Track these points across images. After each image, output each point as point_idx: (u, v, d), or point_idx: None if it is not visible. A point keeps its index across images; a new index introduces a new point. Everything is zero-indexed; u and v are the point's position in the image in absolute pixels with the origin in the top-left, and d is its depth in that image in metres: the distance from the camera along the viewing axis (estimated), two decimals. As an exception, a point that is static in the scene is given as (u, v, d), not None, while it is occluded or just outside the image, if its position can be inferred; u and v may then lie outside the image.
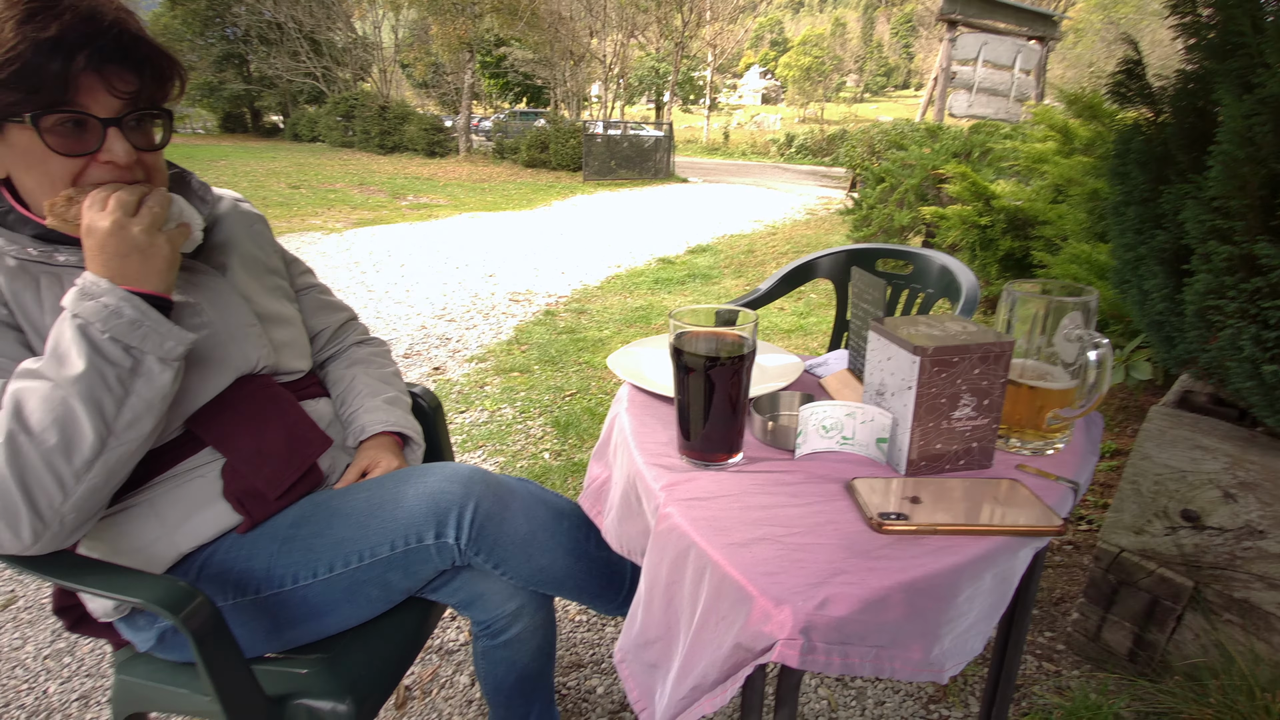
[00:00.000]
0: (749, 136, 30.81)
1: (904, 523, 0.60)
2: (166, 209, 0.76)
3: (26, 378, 0.68)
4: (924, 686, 1.43)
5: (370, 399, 1.04)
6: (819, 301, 4.40)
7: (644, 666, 0.70)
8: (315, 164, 14.69)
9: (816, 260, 1.78)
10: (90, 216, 0.71)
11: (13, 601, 1.62)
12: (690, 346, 0.70)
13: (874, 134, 7.33)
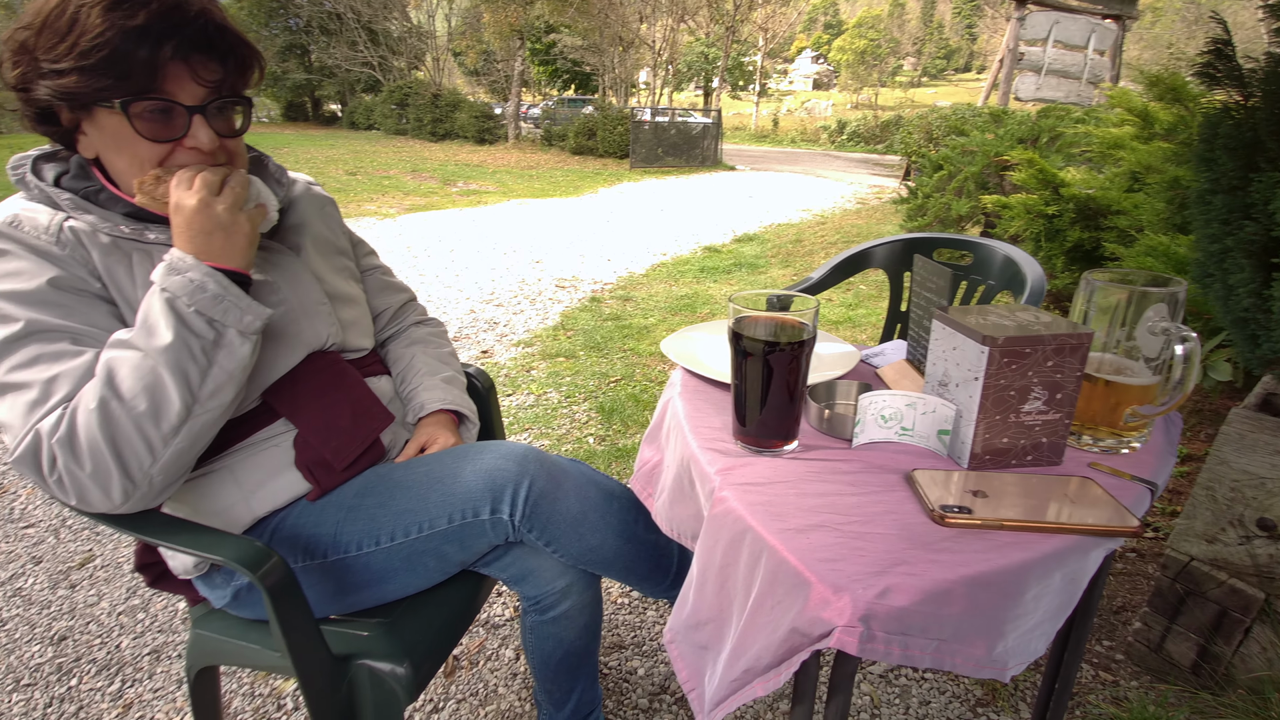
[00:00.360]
0: (799, 123, 30.14)
1: (967, 516, 0.58)
2: (247, 189, 0.80)
3: (119, 347, 0.73)
4: (971, 688, 1.40)
5: (429, 378, 1.07)
6: (868, 293, 4.30)
7: (694, 648, 0.71)
8: (371, 151, 15.11)
9: (871, 249, 1.73)
10: (178, 195, 0.75)
11: (90, 560, 1.74)
12: (750, 331, 0.69)
13: (932, 119, 7.07)
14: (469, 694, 1.36)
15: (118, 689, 1.36)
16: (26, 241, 0.75)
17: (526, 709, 1.33)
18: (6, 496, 1.99)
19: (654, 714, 1.32)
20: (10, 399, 0.71)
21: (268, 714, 1.31)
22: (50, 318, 0.73)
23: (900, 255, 1.70)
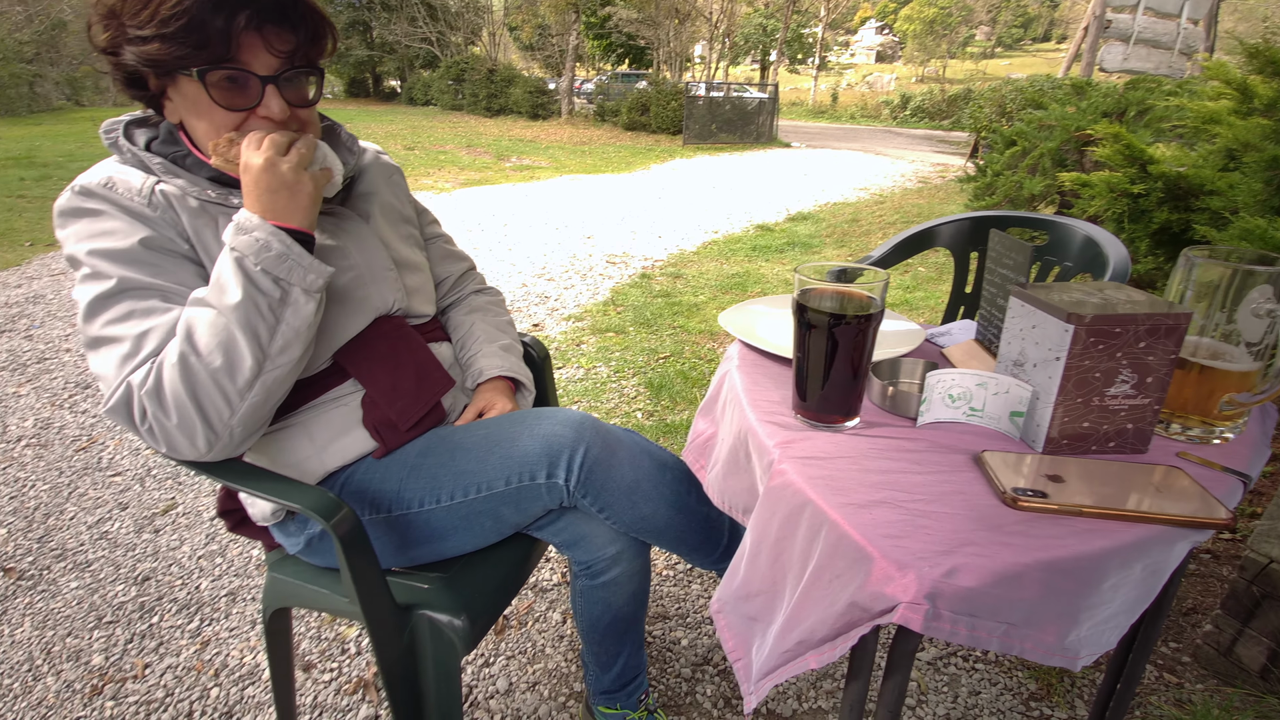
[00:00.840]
0: (859, 98, 28.99)
1: (1043, 500, 0.56)
2: (313, 151, 0.82)
3: (197, 305, 0.77)
4: (1025, 681, 1.36)
5: (488, 345, 1.10)
6: (927, 276, 4.14)
7: (742, 619, 0.71)
8: (428, 126, 15.37)
9: (937, 227, 1.66)
10: (246, 154, 0.78)
11: (173, 507, 1.87)
12: (815, 303, 0.67)
13: (1006, 92, 6.67)
14: (518, 651, 1.41)
15: (196, 627, 1.46)
16: (120, 202, 0.79)
17: (572, 669, 1.37)
18: (95, 447, 2.15)
19: (696, 684, 1.34)
20: (105, 352, 0.76)
21: (332, 656, 1.39)
22: (141, 276, 0.78)
23: (968, 234, 1.62)
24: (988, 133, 4.87)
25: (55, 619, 1.47)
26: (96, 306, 0.76)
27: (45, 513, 1.82)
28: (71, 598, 1.53)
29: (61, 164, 7.73)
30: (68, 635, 1.43)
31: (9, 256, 4.25)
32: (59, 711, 1.25)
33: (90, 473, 2.02)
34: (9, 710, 1.25)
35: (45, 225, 5.04)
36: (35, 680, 1.32)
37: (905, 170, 9.93)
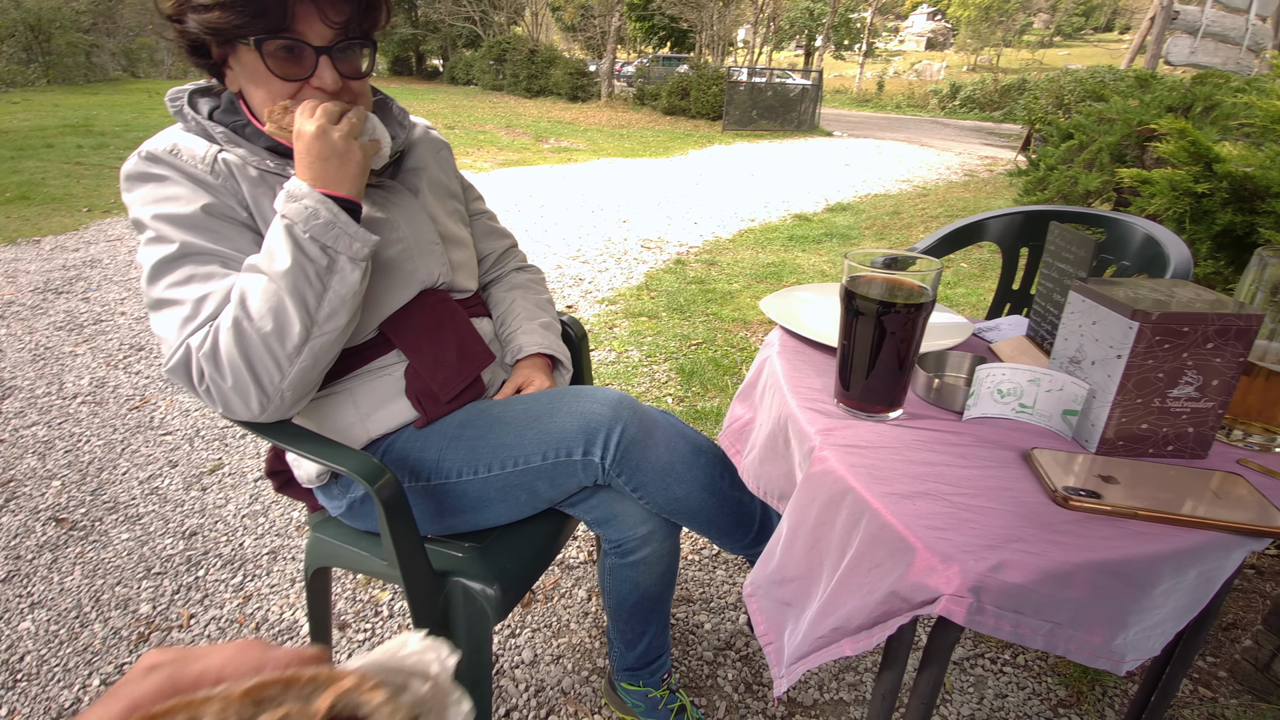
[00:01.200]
0: (906, 87, 28.17)
1: (1095, 501, 0.54)
2: (364, 122, 0.83)
3: (250, 271, 0.79)
4: (1055, 687, 1.33)
5: (528, 322, 1.11)
6: (969, 272, 4.04)
7: (775, 603, 0.71)
8: (468, 106, 15.46)
9: (985, 221, 1.61)
10: (300, 121, 0.79)
11: (219, 467, 1.94)
12: (864, 290, 0.66)
13: (1064, 82, 6.40)
14: (543, 625, 1.44)
15: (239, 582, 1.52)
16: (184, 169, 0.82)
17: (595, 645, 1.39)
18: (148, 407, 2.25)
19: (718, 667, 1.35)
20: (166, 314, 0.79)
21: (366, 617, 1.44)
22: (203, 241, 0.80)
23: (1019, 229, 1.57)
24: (1042, 125, 4.69)
25: (105, 568, 1.55)
26: (159, 270, 0.79)
27: (99, 467, 1.91)
28: (122, 549, 1.61)
29: (118, 133, 7.99)
30: (117, 584, 1.50)
31: (67, 221, 4.43)
32: (105, 657, 1.32)
33: (142, 431, 2.10)
34: (54, 655, 1.32)
35: (102, 192, 5.23)
36: (83, 627, 1.39)
37: (951, 163, 9.65)
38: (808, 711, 1.26)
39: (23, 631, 1.37)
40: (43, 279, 3.38)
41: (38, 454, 1.95)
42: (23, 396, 2.26)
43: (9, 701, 1.22)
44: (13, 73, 13.62)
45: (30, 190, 5.11)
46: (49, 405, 2.22)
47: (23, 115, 9.34)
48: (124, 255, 3.82)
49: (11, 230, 4.16)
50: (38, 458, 1.94)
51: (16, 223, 4.32)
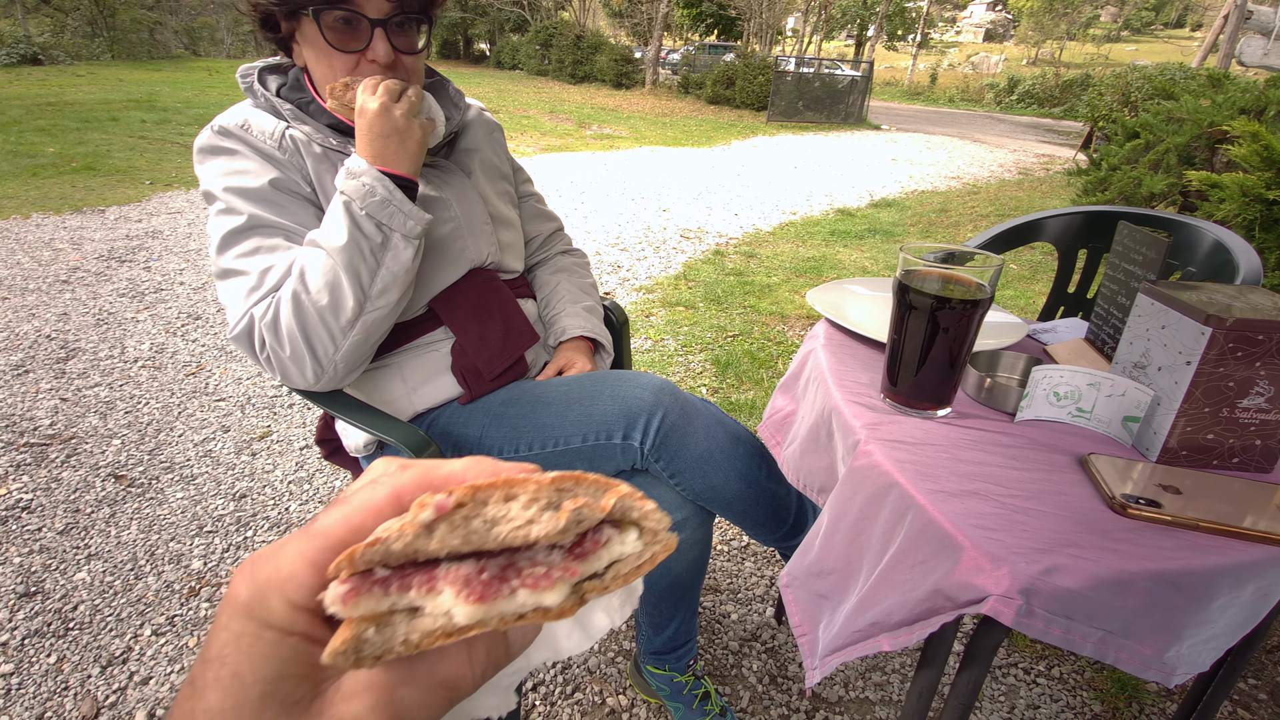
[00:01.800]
0: (960, 79, 27.22)
1: (1155, 510, 0.53)
2: (422, 100, 0.85)
3: (310, 246, 0.81)
4: (1090, 702, 1.30)
5: (571, 305, 1.12)
6: (1019, 274, 3.91)
7: (811, 595, 0.71)
8: (513, 90, 15.55)
9: (1043, 220, 1.56)
10: (362, 98, 0.81)
11: (268, 434, 2.01)
12: (918, 285, 0.65)
13: (1132, 79, 6.11)
14: (572, 606, 1.46)
15: (284, 544, 1.59)
16: (254, 144, 0.85)
17: (622, 628, 1.40)
18: (203, 374, 2.34)
19: (743, 657, 1.35)
20: (232, 283, 0.82)
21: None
22: (269, 214, 0.83)
23: (1079, 230, 1.52)
24: (1106, 122, 4.49)
25: (160, 525, 1.63)
26: (228, 241, 0.82)
27: (156, 428, 2.01)
28: (176, 506, 1.69)
29: (180, 109, 8.29)
30: (171, 540, 1.58)
31: (130, 193, 4.62)
32: (157, 609, 1.39)
33: (198, 396, 2.20)
34: (107, 605, 1.39)
35: (164, 166, 5.44)
36: (137, 579, 1.46)
37: (1005, 160, 9.32)
38: (832, 708, 1.26)
39: (78, 581, 1.45)
40: (107, 247, 3.54)
41: (99, 413, 2.06)
42: (86, 358, 2.38)
43: (59, 649, 1.29)
44: (78, 46, 14.20)
45: (96, 161, 5.34)
46: (111, 368, 2.33)
47: (88, 88, 9.75)
48: (183, 228, 3.97)
49: (78, 199, 4.36)
50: (99, 417, 2.04)
51: (82, 192, 4.53)
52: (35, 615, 1.35)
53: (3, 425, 1.96)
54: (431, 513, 0.18)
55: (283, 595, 0.20)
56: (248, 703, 0.19)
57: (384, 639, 0.19)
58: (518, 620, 0.19)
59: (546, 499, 0.19)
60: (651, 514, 0.21)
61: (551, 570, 0.20)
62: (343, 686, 0.20)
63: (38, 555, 1.50)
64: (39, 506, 1.65)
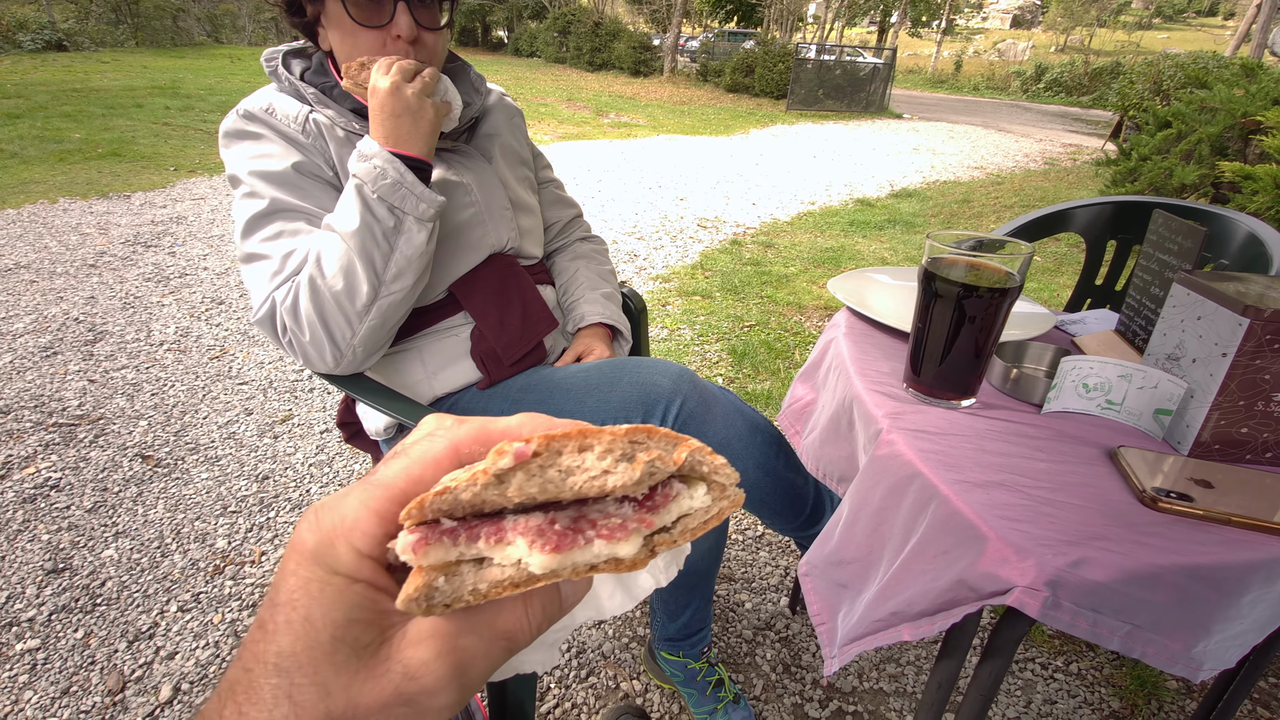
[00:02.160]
0: (986, 67, 26.64)
1: (1187, 504, 0.52)
2: (436, 81, 0.84)
3: (326, 230, 0.82)
4: (1108, 698, 1.29)
5: (590, 291, 1.11)
6: (1044, 266, 3.84)
7: (831, 584, 0.70)
8: (531, 78, 15.51)
9: (1070, 210, 1.53)
10: (375, 77, 0.80)
11: (289, 417, 2.04)
12: (945, 272, 0.64)
13: (1164, 67, 5.94)
14: (587, 591, 1.47)
15: (305, 526, 1.61)
16: (278, 128, 0.85)
17: (636, 614, 1.41)
18: (227, 358, 2.38)
19: (757, 645, 1.35)
20: (256, 267, 0.83)
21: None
22: (291, 198, 0.84)
23: (1108, 220, 1.48)
24: (1137, 111, 4.38)
25: (186, 504, 1.66)
26: (252, 225, 0.83)
27: (182, 410, 2.04)
28: (201, 487, 1.72)
29: (203, 96, 8.37)
30: (196, 519, 1.61)
31: (155, 179, 4.69)
32: (183, 585, 1.42)
33: (221, 379, 2.24)
34: (135, 582, 1.43)
35: (188, 152, 5.51)
36: (163, 556, 1.50)
37: (1030, 150, 9.13)
38: (847, 698, 1.26)
39: (105, 559, 1.48)
40: (133, 232, 3.60)
41: (126, 395, 2.10)
42: (113, 341, 2.43)
43: (86, 624, 1.32)
44: (102, 32, 14.35)
45: (121, 148, 5.42)
46: (137, 351, 2.38)
47: (113, 75, 9.88)
48: (207, 214, 4.02)
49: (104, 184, 4.43)
50: (126, 398, 2.08)
51: (108, 178, 4.60)
52: (63, 591, 1.39)
53: (33, 406, 2.00)
54: (510, 460, 0.18)
55: (349, 543, 0.20)
56: (319, 646, 0.20)
57: (453, 588, 0.19)
58: (589, 571, 0.19)
59: (620, 451, 0.19)
60: (721, 469, 0.21)
61: (627, 522, 0.20)
62: (408, 633, 0.21)
63: (66, 533, 1.54)
64: (68, 485, 1.69)
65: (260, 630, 0.20)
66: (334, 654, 0.20)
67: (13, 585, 1.39)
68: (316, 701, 0.19)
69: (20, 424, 1.92)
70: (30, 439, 1.85)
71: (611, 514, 0.20)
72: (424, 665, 0.20)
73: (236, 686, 0.20)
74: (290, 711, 0.19)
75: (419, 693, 0.20)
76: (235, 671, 0.20)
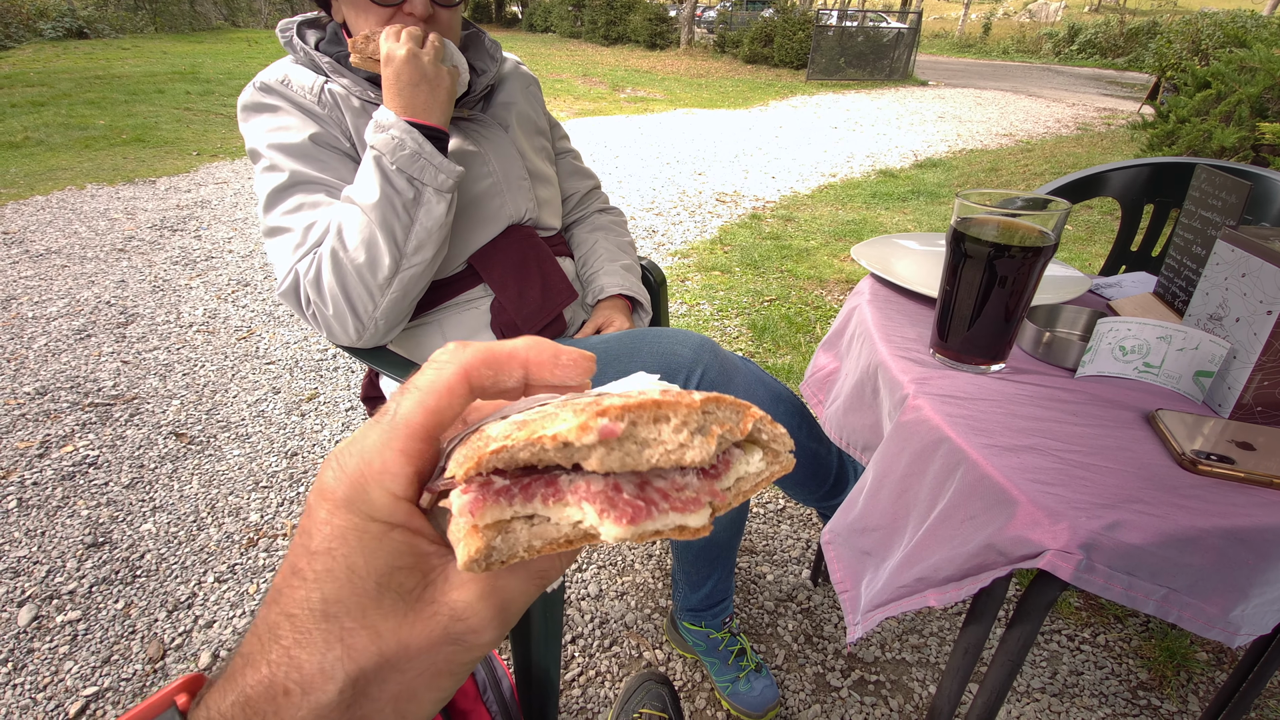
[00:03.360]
0: (1016, 30, 25.64)
1: (1228, 467, 0.50)
2: (444, 46, 0.83)
3: (346, 203, 0.81)
4: (1135, 669, 1.27)
5: (609, 263, 1.11)
6: (1075, 235, 3.72)
7: (854, 551, 0.70)
8: (546, 54, 15.31)
9: (1106, 173, 1.47)
10: (388, 45, 0.79)
11: (315, 395, 2.08)
12: (975, 231, 0.62)
13: (1202, 25, 5.66)
14: (608, 563, 1.49)
15: (333, 500, 1.65)
16: (295, 99, 0.85)
17: (658, 586, 1.43)
18: (254, 338, 2.42)
19: (778, 617, 1.36)
20: (279, 240, 0.84)
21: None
22: (310, 170, 0.84)
23: (1145, 184, 1.43)
24: (1175, 72, 4.19)
25: (219, 480, 1.71)
26: (273, 198, 0.83)
27: (212, 389, 2.09)
28: (233, 463, 1.77)
29: (222, 80, 8.42)
30: (230, 494, 1.66)
31: (179, 164, 4.75)
32: (219, 557, 1.47)
33: (249, 359, 2.28)
34: (173, 554, 1.47)
35: (209, 137, 5.56)
36: (199, 530, 1.54)
37: (1062, 115, 8.81)
38: (868, 668, 1.26)
39: (144, 532, 1.53)
40: (159, 217, 3.66)
41: (159, 375, 2.15)
42: (144, 323, 2.48)
43: (127, 595, 1.37)
44: (121, 19, 14.45)
45: (145, 133, 5.49)
46: (168, 332, 2.43)
47: (134, 61, 9.97)
48: (230, 197, 4.07)
49: (129, 170, 4.50)
50: (159, 379, 2.13)
51: (133, 163, 4.67)
52: (103, 564, 1.44)
53: (69, 386, 2.06)
54: (595, 436, 0.18)
55: (382, 488, 0.20)
56: (366, 593, 0.20)
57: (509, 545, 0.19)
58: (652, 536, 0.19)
59: (696, 424, 0.19)
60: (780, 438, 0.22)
61: (699, 495, 0.20)
62: (449, 577, 0.21)
63: (105, 508, 1.60)
64: (105, 462, 1.75)
65: (297, 577, 0.20)
66: (380, 600, 0.20)
67: (53, 559, 1.45)
68: (368, 644, 0.20)
69: (57, 404, 1.98)
70: (68, 418, 1.91)
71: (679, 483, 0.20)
72: (469, 607, 0.20)
73: (279, 631, 0.20)
74: (343, 654, 0.20)
75: (466, 632, 0.21)
76: (274, 616, 0.20)
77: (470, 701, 0.93)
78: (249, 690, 0.20)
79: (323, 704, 0.19)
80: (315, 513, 0.21)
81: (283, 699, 0.20)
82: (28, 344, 2.29)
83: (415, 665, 0.20)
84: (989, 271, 0.61)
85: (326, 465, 0.21)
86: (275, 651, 0.20)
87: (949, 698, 0.62)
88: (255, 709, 0.20)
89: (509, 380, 0.22)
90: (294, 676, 0.20)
